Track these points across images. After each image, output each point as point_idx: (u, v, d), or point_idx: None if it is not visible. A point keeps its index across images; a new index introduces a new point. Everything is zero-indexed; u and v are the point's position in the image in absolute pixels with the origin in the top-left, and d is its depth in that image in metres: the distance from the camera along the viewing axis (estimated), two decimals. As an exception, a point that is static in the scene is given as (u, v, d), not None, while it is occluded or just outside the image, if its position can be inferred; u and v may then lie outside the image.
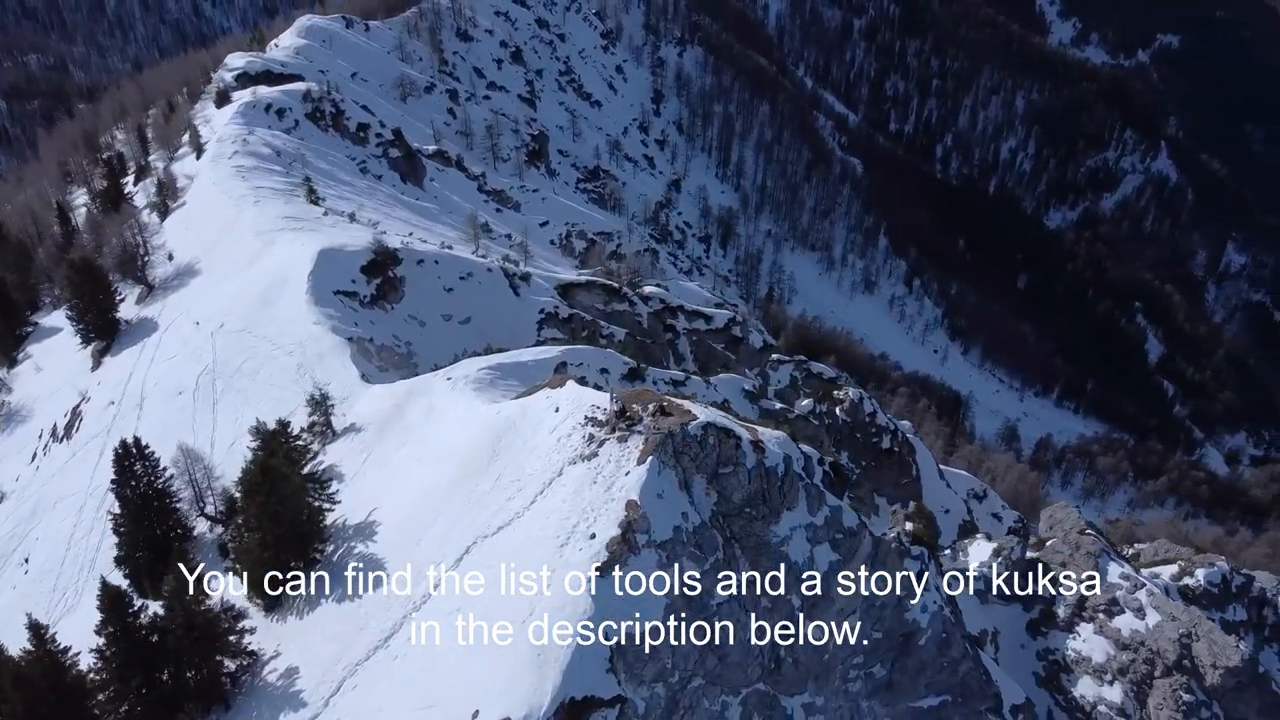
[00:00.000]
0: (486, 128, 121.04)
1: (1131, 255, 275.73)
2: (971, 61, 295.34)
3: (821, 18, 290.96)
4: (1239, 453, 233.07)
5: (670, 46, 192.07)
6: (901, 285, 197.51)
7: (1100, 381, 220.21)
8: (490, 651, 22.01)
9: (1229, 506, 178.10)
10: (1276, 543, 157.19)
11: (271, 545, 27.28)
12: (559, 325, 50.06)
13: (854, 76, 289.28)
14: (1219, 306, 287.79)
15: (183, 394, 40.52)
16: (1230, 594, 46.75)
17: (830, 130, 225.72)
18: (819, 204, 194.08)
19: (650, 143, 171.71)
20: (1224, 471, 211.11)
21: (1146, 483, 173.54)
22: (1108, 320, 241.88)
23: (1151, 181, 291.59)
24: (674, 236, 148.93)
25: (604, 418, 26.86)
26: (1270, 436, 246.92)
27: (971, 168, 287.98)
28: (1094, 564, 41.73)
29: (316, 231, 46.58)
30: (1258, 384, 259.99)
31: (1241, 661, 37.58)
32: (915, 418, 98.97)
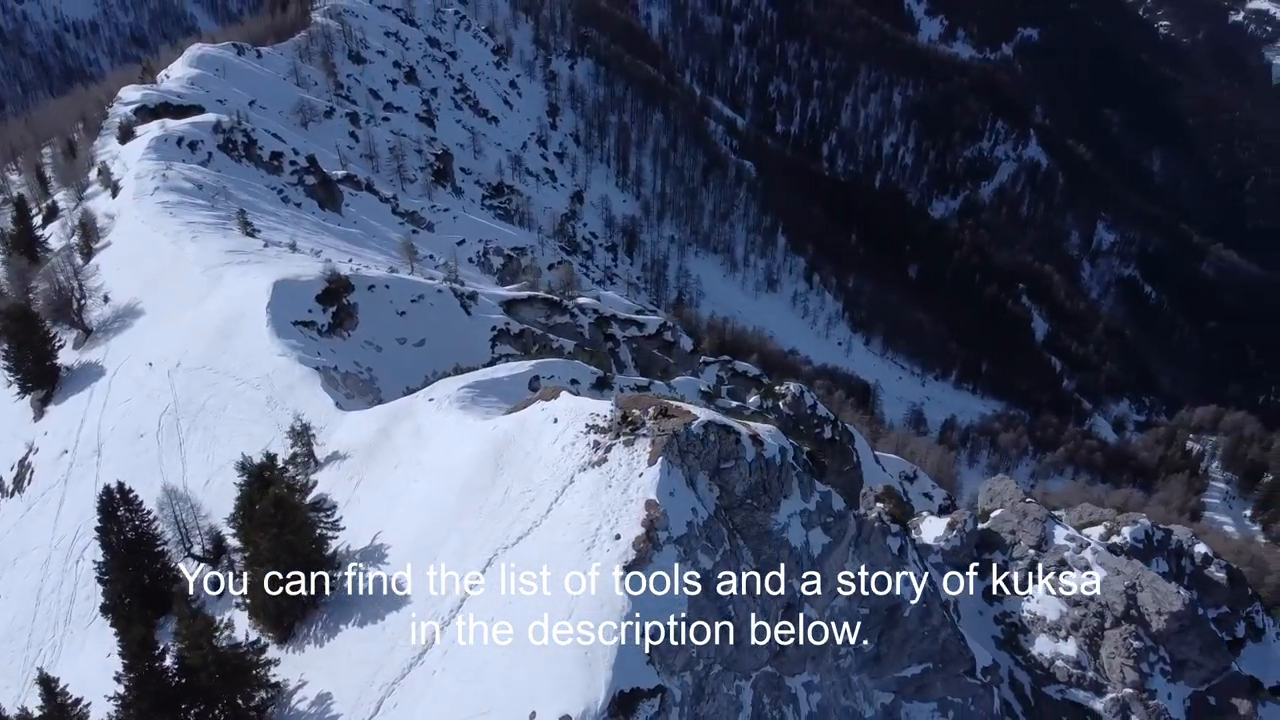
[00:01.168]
0: (390, 149, 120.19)
1: (1012, 239, 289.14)
2: (849, 61, 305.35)
3: (703, 25, 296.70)
4: (1124, 420, 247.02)
5: (561, 60, 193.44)
6: (802, 282, 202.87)
7: (994, 362, 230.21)
8: (534, 654, 22.81)
9: (1121, 470, 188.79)
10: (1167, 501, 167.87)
11: (285, 577, 27.44)
12: (511, 341, 50.76)
13: (739, 81, 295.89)
14: (1094, 283, 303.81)
15: (144, 436, 39.83)
16: (1153, 548, 50.32)
17: (721, 135, 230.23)
18: (717, 207, 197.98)
19: (550, 156, 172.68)
20: (1113, 438, 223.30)
21: (1046, 454, 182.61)
22: (995, 303, 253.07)
23: (1024, 168, 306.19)
24: (582, 248, 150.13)
25: (606, 424, 27.91)
26: (1150, 402, 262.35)
27: (857, 164, 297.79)
28: (1041, 529, 44.58)
29: (264, 264, 46.24)
30: (1135, 354, 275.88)
31: (1183, 606, 40.77)
32: (833, 408, 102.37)
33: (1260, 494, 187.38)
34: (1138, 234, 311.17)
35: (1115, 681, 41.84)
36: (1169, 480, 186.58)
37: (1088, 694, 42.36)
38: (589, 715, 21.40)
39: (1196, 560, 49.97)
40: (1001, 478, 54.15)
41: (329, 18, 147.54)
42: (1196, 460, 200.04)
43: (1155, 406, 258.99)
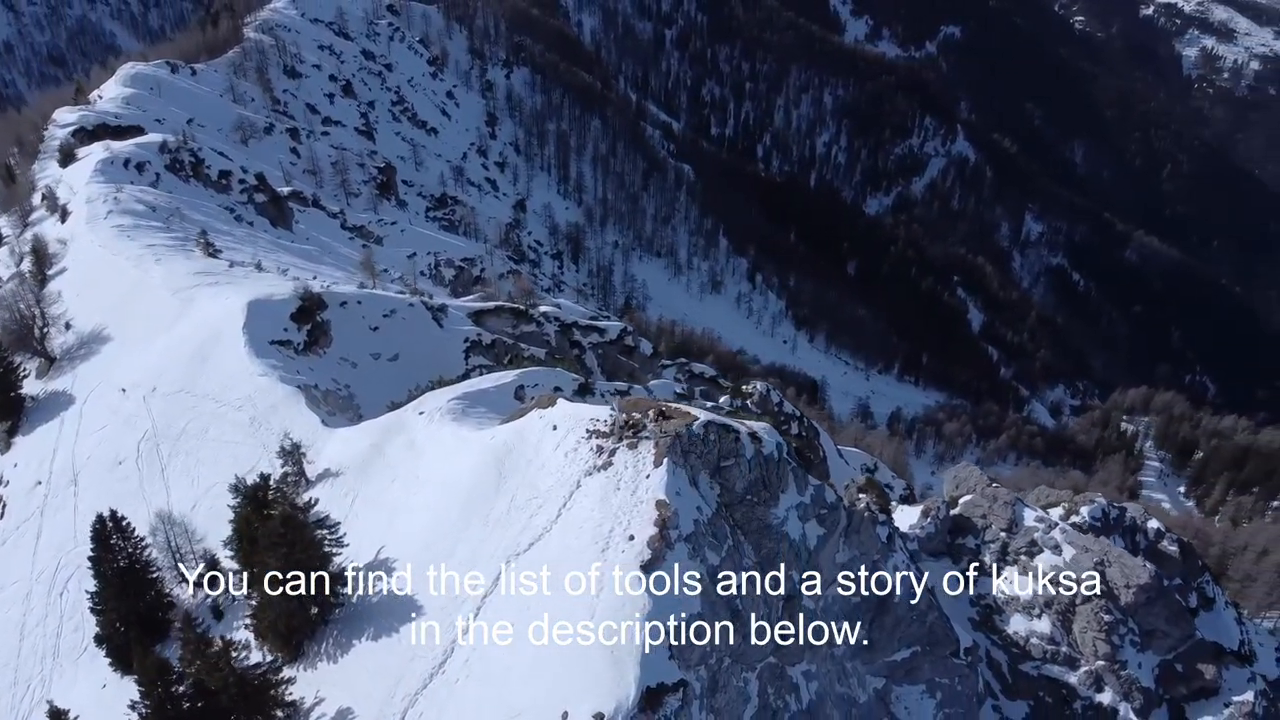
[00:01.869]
0: (332, 164, 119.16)
1: (944, 233, 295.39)
2: (779, 63, 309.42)
3: (634, 30, 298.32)
4: (1060, 405, 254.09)
5: (497, 69, 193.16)
6: (745, 282, 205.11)
7: (933, 354, 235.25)
8: (559, 655, 23.36)
9: (1061, 454, 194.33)
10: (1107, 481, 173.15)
11: (294, 595, 27.54)
12: (483, 352, 51.00)
13: (672, 85, 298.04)
14: (1025, 273, 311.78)
15: (123, 463, 39.35)
16: (1110, 526, 52.38)
17: (659, 139, 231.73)
18: (659, 211, 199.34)
19: (491, 166, 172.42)
20: (1051, 423, 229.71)
21: (989, 442, 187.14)
22: (932, 296, 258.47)
23: (953, 163, 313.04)
24: (529, 256, 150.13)
25: (607, 428, 28.53)
26: (1084, 387, 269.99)
27: (792, 164, 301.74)
28: (1010, 512, 46.21)
29: (234, 284, 45.89)
30: (1067, 341, 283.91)
31: (1150, 579, 42.65)
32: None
33: (1192, 471, 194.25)
34: (1064, 224, 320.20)
35: (1088, 655, 43.57)
36: (1106, 461, 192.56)
37: (1062, 668, 44.04)
38: (621, 712, 22.03)
39: (1150, 535, 51.89)
40: (966, 465, 55.86)
41: (262, 33, 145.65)
42: (1131, 441, 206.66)
43: (1088, 391, 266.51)
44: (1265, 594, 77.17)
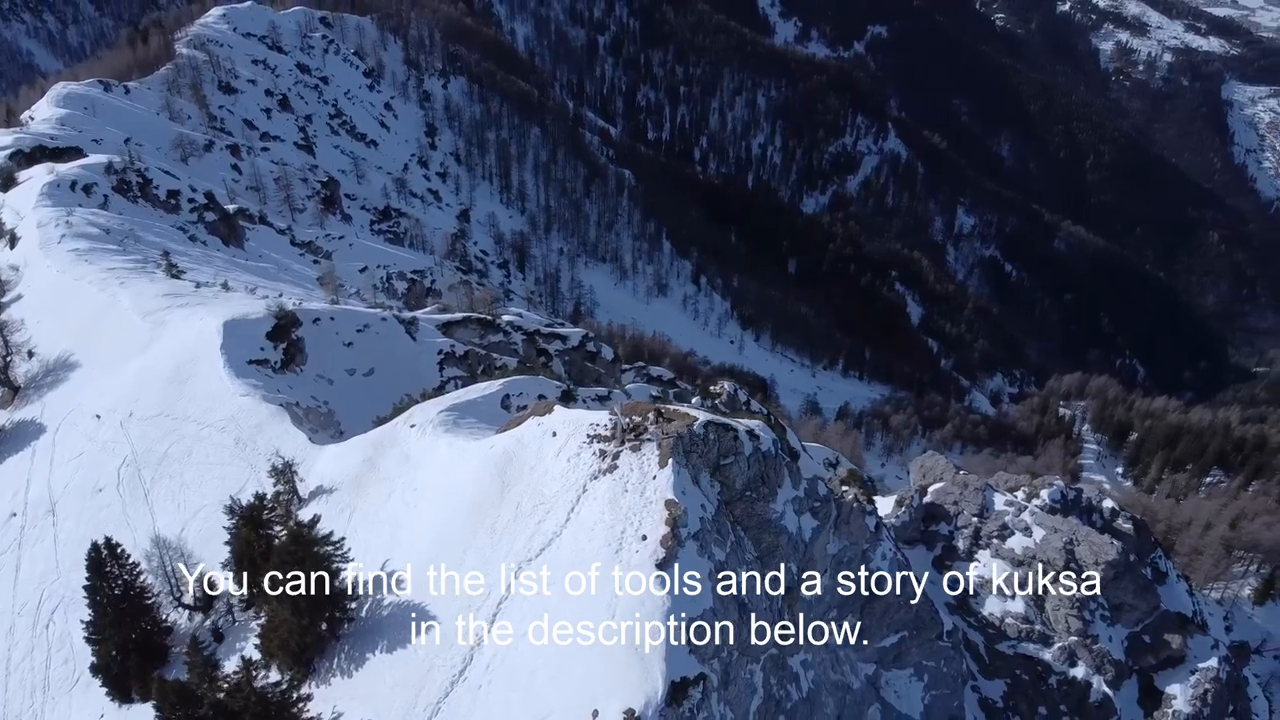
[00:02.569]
0: (275, 180, 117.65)
1: (881, 229, 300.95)
2: (713, 66, 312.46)
3: (568, 37, 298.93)
4: (1000, 393, 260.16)
5: (434, 79, 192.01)
6: (690, 284, 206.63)
7: (876, 348, 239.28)
8: (582, 655, 23.87)
9: (1004, 441, 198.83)
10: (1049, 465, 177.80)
11: (306, 612, 27.63)
12: (457, 364, 51.15)
13: (608, 91, 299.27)
14: (960, 265, 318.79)
15: (103, 491, 38.78)
16: (1068, 506, 54.36)
17: (598, 145, 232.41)
18: (602, 217, 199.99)
19: (432, 176, 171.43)
20: (991, 412, 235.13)
21: (934, 432, 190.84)
22: (871, 291, 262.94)
23: (886, 160, 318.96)
24: (476, 266, 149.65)
25: (608, 432, 29.12)
26: (1021, 375, 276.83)
27: (729, 165, 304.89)
28: (981, 498, 47.79)
29: (205, 305, 45.38)
30: (1003, 330, 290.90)
31: (1117, 555, 44.47)
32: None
33: (1129, 451, 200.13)
34: (995, 216, 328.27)
35: (1061, 631, 45.28)
36: (1047, 446, 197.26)
37: (1037, 646, 45.68)
38: (651, 706, 22.64)
39: (1105, 514, 53.94)
40: (931, 454, 57.50)
41: (193, 48, 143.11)
42: (1069, 425, 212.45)
43: (1025, 378, 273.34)
44: (1211, 566, 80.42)
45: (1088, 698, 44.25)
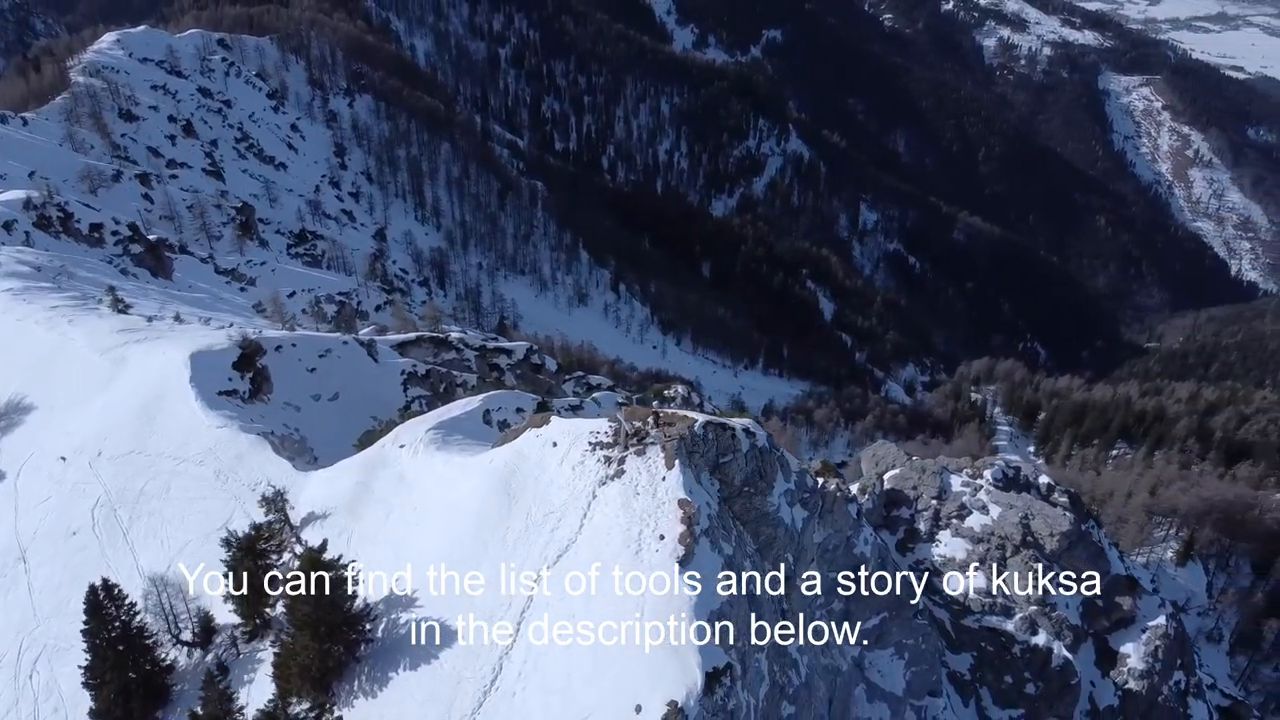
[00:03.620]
0: (188, 208, 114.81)
1: (788, 228, 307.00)
2: (615, 75, 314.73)
3: (468, 51, 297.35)
4: (913, 382, 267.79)
5: (339, 98, 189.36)
6: (610, 293, 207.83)
7: (793, 345, 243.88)
8: (617, 654, 24.69)
9: (922, 428, 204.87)
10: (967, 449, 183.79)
11: (326, 636, 27.79)
12: (420, 383, 51.20)
13: (513, 103, 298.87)
14: (866, 260, 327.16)
15: (78, 533, 37.89)
16: (1009, 483, 57.20)
17: (508, 158, 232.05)
18: (518, 229, 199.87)
19: (345, 197, 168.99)
20: (907, 401, 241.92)
21: (856, 424, 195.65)
22: (784, 290, 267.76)
23: (790, 161, 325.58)
24: (397, 285, 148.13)
25: (609, 439, 30.01)
26: (931, 363, 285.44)
27: (637, 173, 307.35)
28: (938, 481, 50.01)
29: (163, 339, 44.54)
30: (911, 321, 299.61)
31: (1070, 525, 47.11)
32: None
33: (1039, 430, 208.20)
34: (896, 211, 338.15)
35: (1021, 602, 47.70)
36: (963, 430, 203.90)
37: (1000, 618, 48.05)
38: (691, 697, 23.63)
39: (1042, 489, 56.94)
40: (882, 443, 59.75)
41: (89, 76, 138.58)
42: (982, 409, 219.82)
43: (936, 366, 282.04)
44: (1136, 533, 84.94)
45: (1050, 663, 46.77)
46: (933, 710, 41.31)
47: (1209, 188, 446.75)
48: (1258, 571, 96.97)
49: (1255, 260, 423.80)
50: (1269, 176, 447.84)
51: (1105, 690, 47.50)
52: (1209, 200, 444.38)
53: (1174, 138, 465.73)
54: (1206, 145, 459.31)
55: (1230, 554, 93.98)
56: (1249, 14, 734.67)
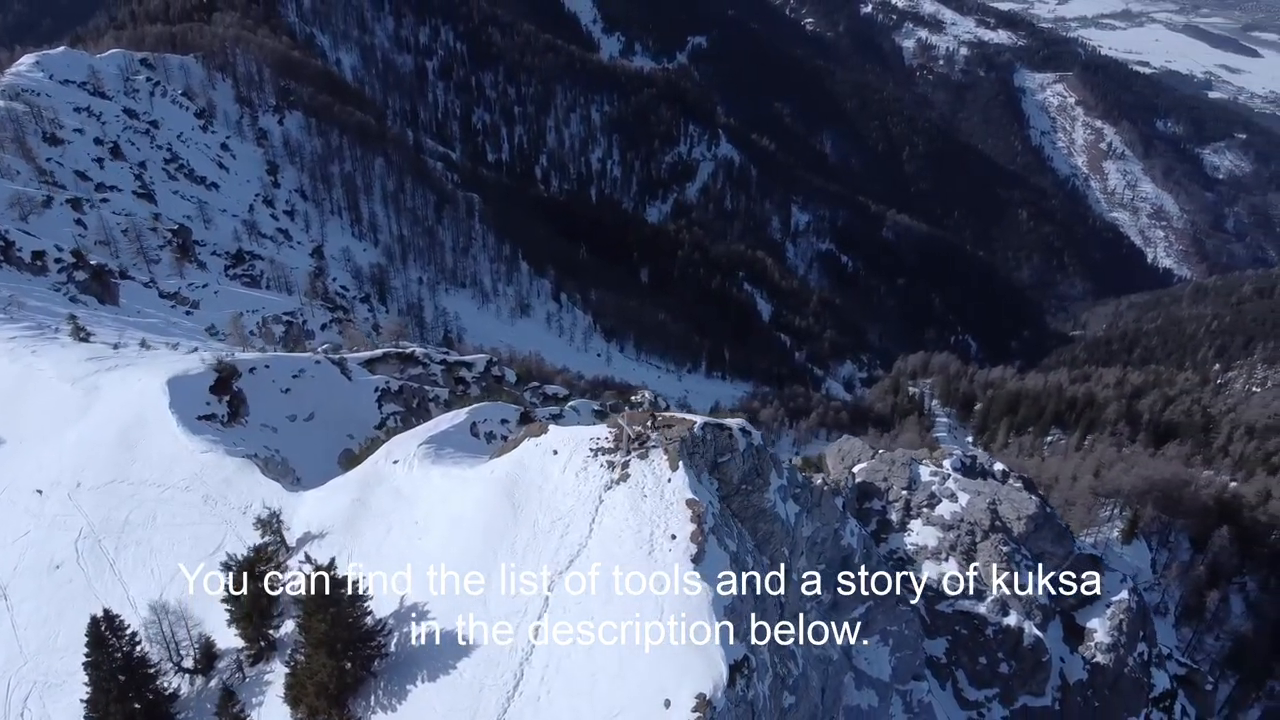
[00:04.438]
0: (123, 232, 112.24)
1: (723, 232, 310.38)
2: (544, 85, 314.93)
3: (395, 65, 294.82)
4: (852, 379, 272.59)
5: (268, 116, 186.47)
6: (551, 302, 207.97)
7: (734, 347, 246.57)
8: (642, 651, 25.37)
9: (864, 423, 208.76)
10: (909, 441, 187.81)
11: (342, 653, 27.95)
12: (394, 399, 51.17)
13: (443, 116, 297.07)
14: (800, 261, 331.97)
15: (61, 567, 37.24)
16: (969, 471, 59.15)
17: (442, 171, 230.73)
18: (457, 243, 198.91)
19: (280, 215, 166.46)
20: (847, 397, 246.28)
21: (800, 422, 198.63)
22: (722, 293, 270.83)
23: (721, 165, 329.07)
24: (339, 303, 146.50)
25: (611, 444, 30.67)
26: (868, 359, 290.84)
27: (571, 182, 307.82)
28: (908, 471, 51.55)
29: (134, 365, 43.91)
30: (846, 319, 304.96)
31: (1036, 508, 48.98)
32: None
33: (976, 420, 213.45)
34: (826, 211, 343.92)
35: (992, 585, 49.43)
36: (904, 423, 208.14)
37: (972, 601, 49.69)
38: (719, 688, 24.43)
39: (998, 476, 58.97)
40: (847, 438, 61.29)
41: (9, 99, 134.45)
42: (920, 402, 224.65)
43: (873, 362, 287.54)
44: (1084, 514, 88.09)
45: (1021, 642, 48.51)
46: (918, 694, 42.64)
47: (1123, 179, 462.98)
48: (1196, 546, 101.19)
49: (1169, 248, 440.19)
50: (1178, 167, 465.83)
51: (1074, 665, 49.45)
52: (1123, 191, 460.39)
53: (1088, 131, 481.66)
54: (1119, 138, 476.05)
55: (1170, 530, 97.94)
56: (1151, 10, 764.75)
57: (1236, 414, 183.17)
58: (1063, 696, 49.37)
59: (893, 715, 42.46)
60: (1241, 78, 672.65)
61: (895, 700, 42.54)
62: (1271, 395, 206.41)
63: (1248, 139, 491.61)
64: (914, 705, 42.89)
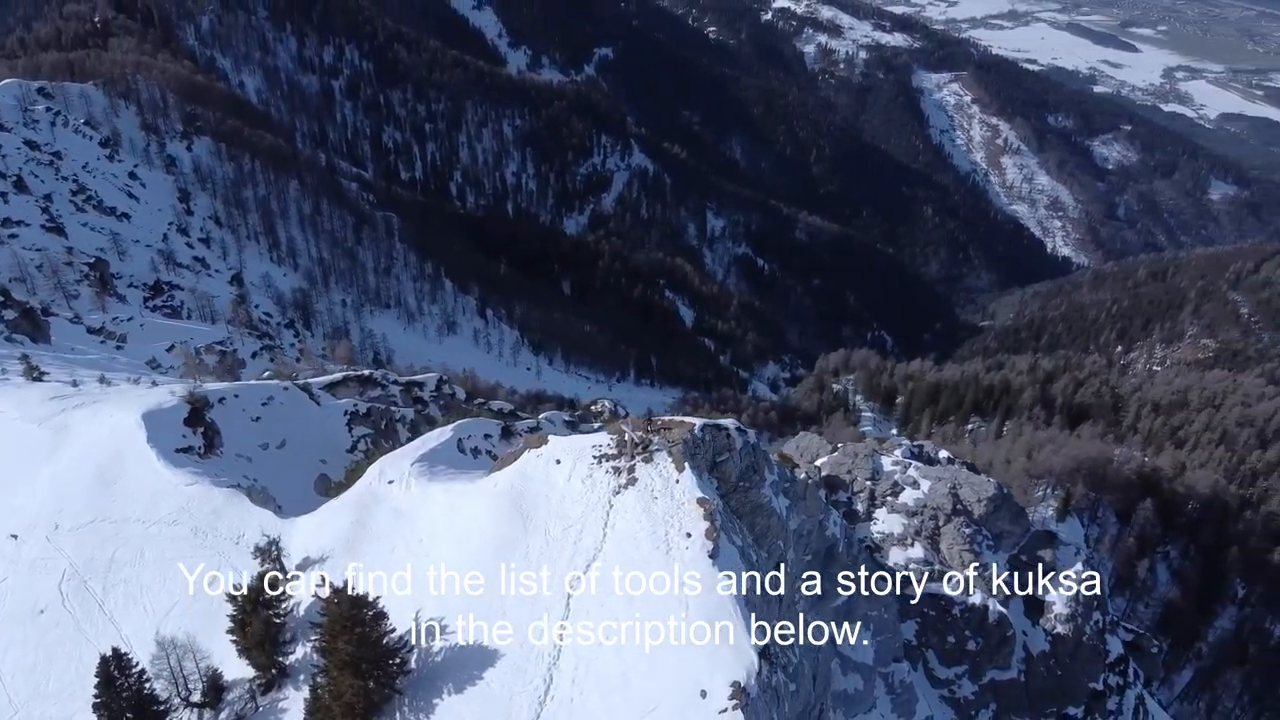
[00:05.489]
0: (37, 268, 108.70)
1: (641, 241, 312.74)
2: (454, 101, 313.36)
3: (300, 86, 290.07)
4: (776, 380, 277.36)
5: (176, 142, 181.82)
6: (478, 319, 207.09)
7: (660, 354, 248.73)
8: (670, 645, 26.29)
9: (792, 422, 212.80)
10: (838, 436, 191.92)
11: (368, 673, 28.21)
12: (362, 422, 51.04)
13: (353, 136, 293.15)
14: (718, 266, 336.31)
15: (46, 611, 36.38)
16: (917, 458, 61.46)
17: (357, 191, 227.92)
18: (378, 263, 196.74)
19: (195, 243, 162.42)
20: (775, 397, 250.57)
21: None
22: (644, 301, 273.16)
23: (635, 175, 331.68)
24: (263, 330, 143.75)
25: (614, 450, 31.56)
26: (790, 359, 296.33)
27: (487, 197, 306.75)
28: (871, 463, 53.44)
29: (100, 402, 43.01)
30: (766, 321, 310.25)
31: (995, 490, 51.31)
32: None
33: (899, 412, 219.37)
34: (740, 216, 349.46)
35: (956, 567, 51.55)
36: (831, 420, 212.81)
37: (938, 584, 51.72)
38: (751, 675, 25.51)
39: (943, 462, 61.33)
40: (805, 435, 63.09)
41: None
42: (844, 398, 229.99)
43: (795, 362, 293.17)
44: (1021, 495, 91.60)
45: (987, 619, 50.70)
46: (899, 675, 44.39)
47: (1020, 173, 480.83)
48: (1121, 519, 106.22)
49: (1067, 237, 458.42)
50: (1071, 159, 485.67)
51: (1037, 637, 51.88)
52: (1021, 185, 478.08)
53: (984, 128, 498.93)
54: (1014, 134, 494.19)
55: (1098, 506, 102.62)
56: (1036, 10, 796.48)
57: (1143, 393, 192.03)
58: (1027, 668, 51.72)
59: (877, 697, 44.12)
60: (1123, 72, 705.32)
61: (878, 683, 44.20)
62: (1173, 373, 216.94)
63: (1133, 130, 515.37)
64: (896, 686, 44.64)
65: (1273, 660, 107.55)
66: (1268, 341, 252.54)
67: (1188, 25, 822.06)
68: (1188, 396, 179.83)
